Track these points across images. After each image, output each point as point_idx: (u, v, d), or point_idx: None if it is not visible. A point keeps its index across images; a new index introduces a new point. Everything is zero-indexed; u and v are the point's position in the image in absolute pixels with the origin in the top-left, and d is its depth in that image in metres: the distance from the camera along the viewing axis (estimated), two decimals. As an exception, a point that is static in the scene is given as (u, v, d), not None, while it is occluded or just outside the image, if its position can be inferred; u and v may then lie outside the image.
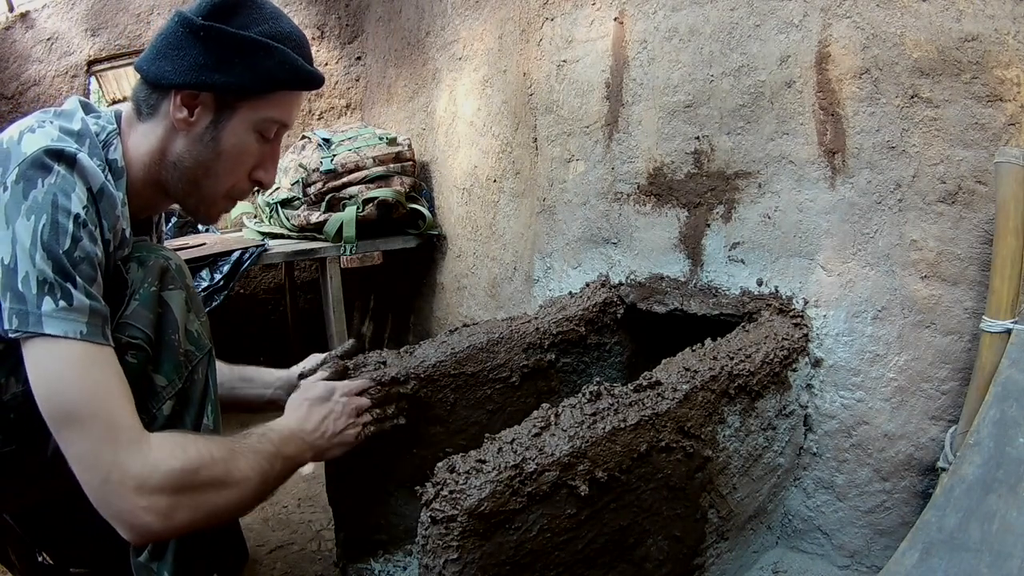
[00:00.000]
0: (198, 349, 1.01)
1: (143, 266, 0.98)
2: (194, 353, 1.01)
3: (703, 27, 1.32)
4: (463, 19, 2.09)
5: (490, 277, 2.06)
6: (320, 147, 2.24)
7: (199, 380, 1.01)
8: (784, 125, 1.22)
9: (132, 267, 0.97)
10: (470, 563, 0.74)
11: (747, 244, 1.31)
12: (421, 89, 2.44)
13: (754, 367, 1.07)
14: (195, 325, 1.02)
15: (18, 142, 0.84)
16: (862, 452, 1.16)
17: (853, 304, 1.16)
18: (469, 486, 0.75)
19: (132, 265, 0.97)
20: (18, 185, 0.81)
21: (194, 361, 1.01)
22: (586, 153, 1.62)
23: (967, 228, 1.04)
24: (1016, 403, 0.89)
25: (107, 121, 0.96)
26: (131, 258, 0.98)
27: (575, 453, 0.81)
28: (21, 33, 2.53)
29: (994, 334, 0.96)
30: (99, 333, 0.82)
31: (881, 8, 1.07)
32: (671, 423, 0.94)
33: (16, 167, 0.81)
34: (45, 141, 0.84)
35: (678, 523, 1.00)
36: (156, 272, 0.97)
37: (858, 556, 1.18)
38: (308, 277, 2.96)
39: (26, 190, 0.81)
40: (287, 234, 2.28)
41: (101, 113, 0.97)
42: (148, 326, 0.95)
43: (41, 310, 0.78)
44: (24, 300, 0.79)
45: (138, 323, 0.94)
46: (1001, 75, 0.98)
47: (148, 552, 0.98)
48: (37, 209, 0.80)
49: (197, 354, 1.01)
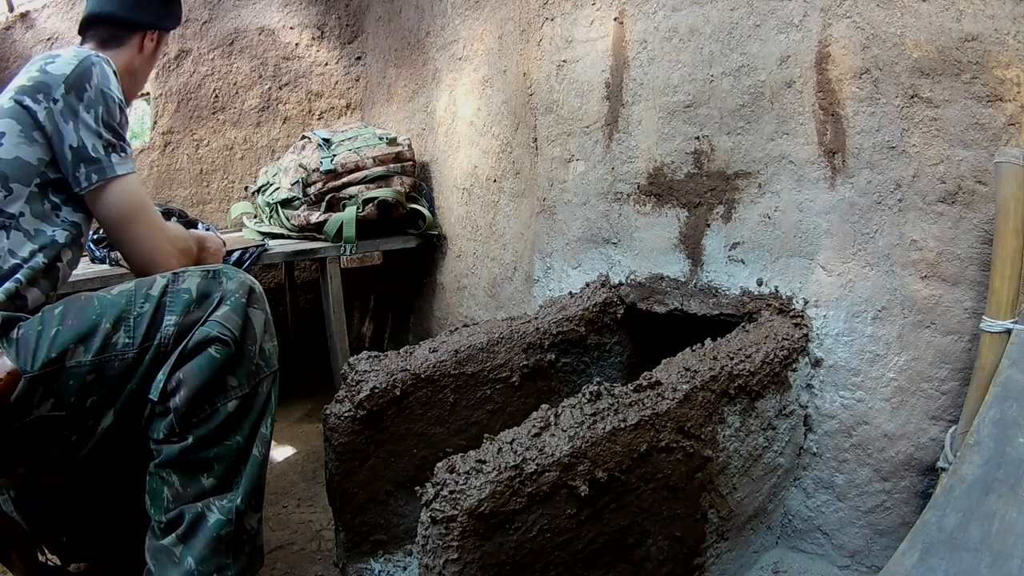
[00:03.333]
0: (267, 366, 1.14)
1: (233, 280, 1.13)
2: (263, 368, 1.13)
3: (703, 27, 1.32)
4: (463, 19, 2.09)
5: (490, 277, 2.06)
6: (320, 147, 2.24)
7: (263, 393, 1.13)
8: (784, 125, 1.22)
9: (225, 275, 1.14)
10: (470, 563, 0.74)
11: (747, 244, 1.31)
12: (421, 89, 2.44)
13: (754, 367, 1.07)
14: (269, 345, 1.15)
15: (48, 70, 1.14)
16: (862, 452, 1.16)
17: (853, 304, 1.16)
18: (469, 486, 0.75)
19: (225, 273, 1.15)
20: (69, 95, 1.12)
21: (262, 375, 1.12)
22: (586, 153, 1.62)
23: (967, 228, 1.04)
24: (1016, 403, 0.89)
25: None
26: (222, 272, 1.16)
27: (575, 453, 0.81)
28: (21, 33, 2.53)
29: (994, 334, 0.96)
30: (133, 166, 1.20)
31: (881, 8, 1.07)
32: (671, 423, 0.94)
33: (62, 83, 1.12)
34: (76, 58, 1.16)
35: (678, 523, 1.00)
36: (246, 289, 1.13)
37: (858, 556, 1.18)
38: (308, 277, 2.96)
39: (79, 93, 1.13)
40: (287, 234, 2.28)
41: None
42: (237, 328, 1.08)
43: (112, 162, 1.15)
44: (98, 161, 1.13)
45: (228, 324, 1.07)
46: (1001, 75, 0.98)
47: (177, 535, 1.02)
48: (94, 102, 1.14)
49: (266, 370, 1.13)
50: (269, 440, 1.14)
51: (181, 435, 1.03)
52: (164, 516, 1.03)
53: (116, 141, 1.16)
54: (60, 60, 1.16)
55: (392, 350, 1.26)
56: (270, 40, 2.83)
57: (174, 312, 1.07)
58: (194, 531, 1.02)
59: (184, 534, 1.02)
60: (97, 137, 1.13)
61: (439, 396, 1.23)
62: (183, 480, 1.04)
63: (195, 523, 1.03)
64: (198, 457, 1.04)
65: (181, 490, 1.03)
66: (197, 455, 1.04)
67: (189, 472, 1.04)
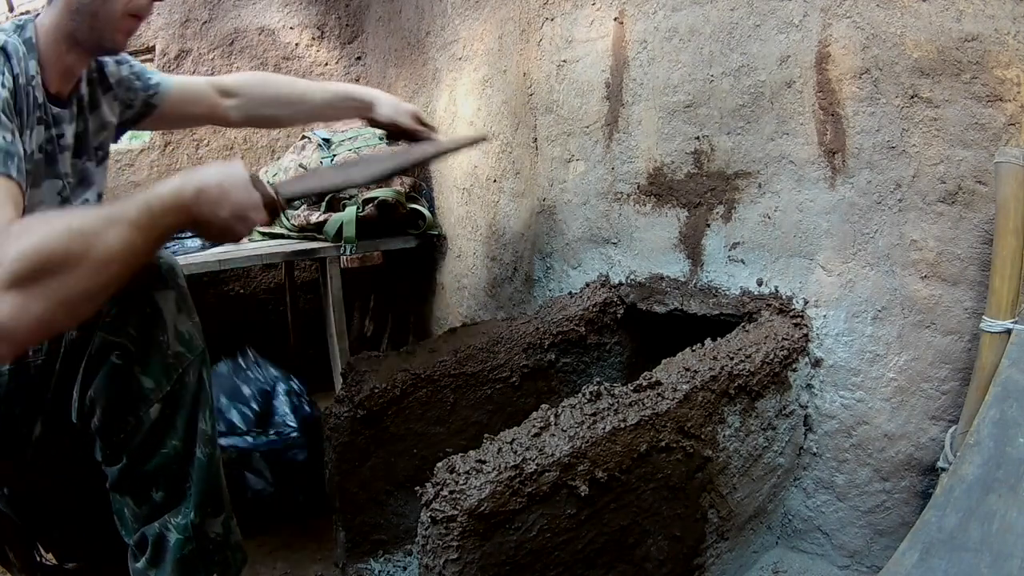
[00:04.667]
0: (190, 351, 0.99)
1: None
2: (185, 355, 0.99)
3: (703, 27, 1.32)
4: (463, 19, 2.09)
5: (490, 277, 2.06)
6: (320, 147, 2.24)
7: (191, 383, 0.99)
8: (784, 125, 1.22)
9: None
10: (470, 563, 0.74)
11: (747, 244, 1.31)
12: (421, 89, 2.44)
13: (754, 367, 1.07)
14: (186, 326, 1.00)
15: None
16: (862, 452, 1.16)
17: (853, 304, 1.16)
18: (469, 486, 0.75)
19: None
20: None
21: (185, 363, 0.99)
22: (586, 153, 1.62)
23: (967, 228, 1.04)
24: (1016, 403, 0.89)
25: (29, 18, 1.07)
26: None
27: (575, 453, 0.81)
28: (21, 33, 2.54)
29: (994, 334, 0.96)
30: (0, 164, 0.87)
31: (881, 8, 1.07)
32: (671, 423, 0.94)
33: None
34: None
35: (678, 523, 1.00)
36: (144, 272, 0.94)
37: (858, 556, 1.18)
38: (308, 277, 2.95)
39: None
40: (287, 234, 2.28)
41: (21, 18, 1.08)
42: (134, 325, 0.94)
43: None
44: None
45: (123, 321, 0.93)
46: (1001, 75, 0.98)
47: (147, 559, 0.98)
48: None
49: (188, 356, 0.99)
50: (212, 436, 1.02)
51: (115, 456, 0.96)
52: (131, 539, 0.99)
53: None
54: None
55: (392, 350, 1.26)
56: (270, 40, 2.83)
57: None
58: (159, 554, 0.98)
59: (152, 558, 0.98)
60: None
61: (439, 396, 1.24)
62: (135, 500, 0.98)
63: (158, 545, 0.98)
64: (139, 474, 0.96)
65: (137, 510, 0.98)
66: (137, 472, 0.96)
67: (136, 491, 0.97)
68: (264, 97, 1.46)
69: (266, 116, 1.50)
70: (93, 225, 0.79)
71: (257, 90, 1.45)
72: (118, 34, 1.08)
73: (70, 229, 0.77)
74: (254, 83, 1.47)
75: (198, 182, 0.89)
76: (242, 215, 0.92)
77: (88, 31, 1.05)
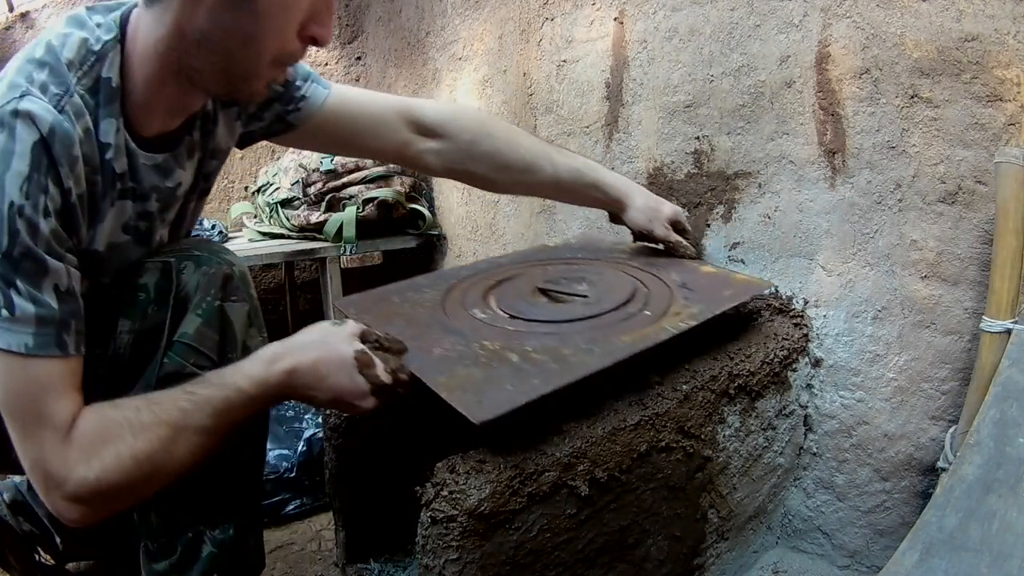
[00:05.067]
0: None
1: (199, 270, 0.86)
2: None
3: (703, 27, 1.32)
4: (463, 19, 2.09)
5: (490, 277, 2.06)
6: (320, 147, 2.24)
7: None
8: (784, 125, 1.22)
9: (187, 268, 0.86)
10: (470, 563, 0.74)
11: (747, 244, 1.31)
12: (421, 89, 2.43)
13: (754, 367, 1.07)
14: (255, 342, 0.91)
15: None
16: (862, 452, 1.16)
17: (853, 304, 1.16)
18: (469, 486, 0.75)
19: (188, 265, 0.86)
20: None
21: None
22: (586, 153, 1.62)
23: (967, 228, 1.04)
24: (1016, 403, 0.89)
25: (107, 28, 0.77)
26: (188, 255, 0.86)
27: (575, 453, 0.81)
28: (21, 33, 2.53)
29: (994, 334, 0.96)
30: (50, 342, 0.70)
31: (881, 8, 1.07)
32: (671, 423, 0.94)
33: None
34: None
35: (678, 523, 1.00)
36: (219, 281, 0.87)
37: (858, 556, 1.18)
38: (308, 277, 2.95)
39: None
40: (287, 234, 2.28)
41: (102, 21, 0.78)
42: (214, 349, 0.86)
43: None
44: None
45: (204, 347, 0.85)
46: (1001, 75, 0.98)
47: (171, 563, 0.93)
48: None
49: None
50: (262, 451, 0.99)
51: None
52: (154, 542, 0.92)
53: None
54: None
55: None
56: (270, 40, 2.82)
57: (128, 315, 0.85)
58: (188, 562, 0.92)
59: (178, 564, 0.92)
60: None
61: (439, 396, 1.23)
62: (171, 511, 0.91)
63: (189, 553, 0.92)
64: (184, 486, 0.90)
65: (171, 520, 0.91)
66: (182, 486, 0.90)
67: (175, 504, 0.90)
68: (480, 152, 1.13)
69: (477, 175, 1.17)
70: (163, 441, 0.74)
71: (471, 138, 1.13)
72: (258, 83, 0.80)
73: (135, 457, 0.72)
74: (468, 127, 1.13)
75: (290, 363, 0.80)
76: (343, 402, 0.83)
77: (215, 75, 0.78)
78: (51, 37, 0.75)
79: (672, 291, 1.07)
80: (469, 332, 0.92)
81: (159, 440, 0.74)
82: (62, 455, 0.71)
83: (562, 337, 0.90)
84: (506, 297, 1.06)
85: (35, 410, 0.70)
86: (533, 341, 0.89)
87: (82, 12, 0.78)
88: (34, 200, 0.68)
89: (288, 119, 1.02)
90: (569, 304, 1.04)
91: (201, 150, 0.93)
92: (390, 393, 0.84)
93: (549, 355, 0.84)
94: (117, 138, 0.78)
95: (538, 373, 0.80)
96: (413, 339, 0.89)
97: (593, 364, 0.82)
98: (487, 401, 0.74)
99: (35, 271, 0.69)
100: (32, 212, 0.68)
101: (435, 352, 0.86)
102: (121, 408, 0.75)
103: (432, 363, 0.84)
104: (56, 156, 0.69)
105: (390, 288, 1.11)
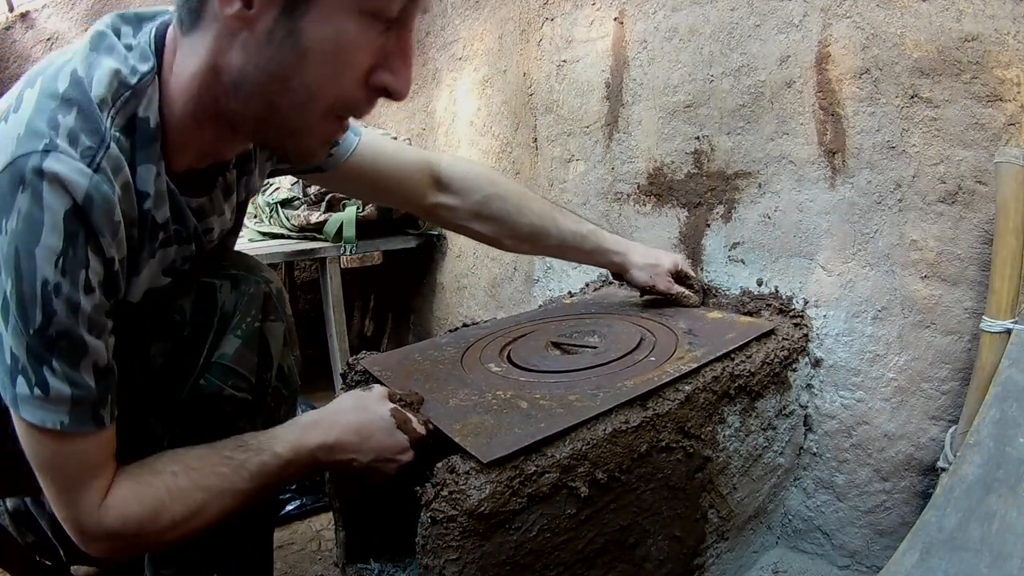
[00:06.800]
0: (286, 387, 0.92)
1: (239, 289, 0.84)
2: (282, 391, 0.92)
3: (703, 27, 1.32)
4: (463, 19, 2.09)
5: (490, 277, 2.06)
6: (320, 147, 2.24)
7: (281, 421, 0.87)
8: (784, 125, 1.22)
9: (224, 288, 0.83)
10: (470, 563, 0.74)
11: (747, 244, 1.31)
12: (421, 89, 2.43)
13: (754, 367, 1.07)
14: (289, 361, 0.91)
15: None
16: (862, 452, 1.16)
17: (853, 304, 1.16)
18: (469, 486, 0.75)
19: (225, 284, 0.83)
20: None
21: (279, 400, 0.91)
22: (586, 153, 1.62)
23: (967, 228, 1.04)
24: (1016, 403, 0.89)
25: (142, 56, 0.65)
26: (225, 274, 0.83)
27: (575, 455, 0.81)
28: (21, 33, 2.53)
29: (994, 334, 0.96)
30: (86, 419, 0.65)
31: (881, 8, 1.07)
32: (671, 423, 0.94)
33: None
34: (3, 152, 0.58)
35: (678, 523, 1.00)
36: (259, 301, 0.85)
37: (858, 556, 1.18)
38: (308, 277, 2.96)
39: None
40: (287, 234, 2.28)
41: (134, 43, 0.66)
42: (252, 371, 0.84)
43: (16, 391, 0.62)
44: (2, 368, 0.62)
45: (243, 368, 0.83)
46: (1001, 75, 0.98)
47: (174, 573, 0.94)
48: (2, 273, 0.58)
49: (284, 392, 0.92)
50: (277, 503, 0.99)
51: None
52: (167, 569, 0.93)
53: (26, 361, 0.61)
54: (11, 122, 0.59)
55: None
56: (270, 40, 2.82)
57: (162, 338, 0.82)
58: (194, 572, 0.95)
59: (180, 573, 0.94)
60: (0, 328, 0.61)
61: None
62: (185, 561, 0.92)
63: None
64: None
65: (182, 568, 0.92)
66: None
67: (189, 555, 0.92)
68: (488, 213, 1.12)
69: (483, 235, 1.15)
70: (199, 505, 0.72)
71: (481, 198, 1.11)
72: (309, 139, 0.68)
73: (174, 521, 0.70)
74: (481, 187, 1.12)
75: (336, 436, 0.79)
76: (386, 459, 0.83)
77: (257, 125, 0.66)
78: (76, 64, 0.62)
79: (678, 338, 1.11)
80: (484, 384, 0.96)
81: (196, 504, 0.72)
82: (97, 519, 0.68)
83: (570, 385, 0.95)
84: (520, 351, 1.11)
85: (71, 478, 0.67)
86: (543, 389, 0.93)
87: (107, 27, 0.66)
88: (72, 276, 0.59)
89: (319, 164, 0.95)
90: (579, 355, 1.09)
91: (240, 190, 0.85)
92: (424, 444, 0.87)
93: (556, 401, 0.89)
94: (158, 183, 0.68)
95: (545, 417, 0.84)
96: (431, 392, 0.94)
97: (597, 408, 0.87)
98: (495, 443, 0.78)
99: (73, 352, 0.62)
100: (71, 290, 0.59)
101: (451, 403, 0.91)
102: (159, 474, 0.72)
103: (448, 412, 0.88)
104: (96, 225, 0.60)
105: (412, 347, 1.19)
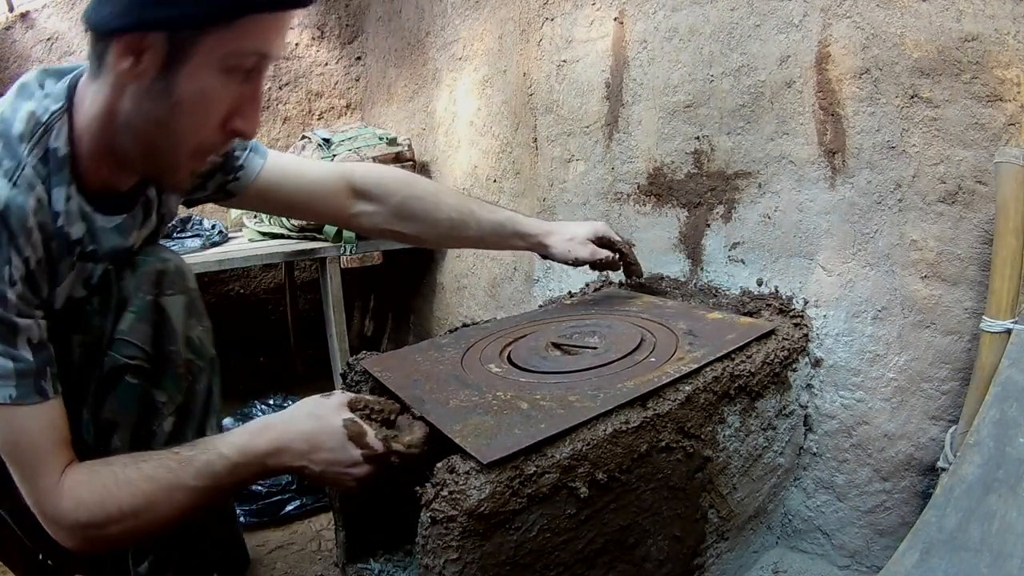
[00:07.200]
0: (200, 358, 0.97)
1: (136, 272, 0.91)
2: (196, 363, 0.96)
3: (703, 27, 1.32)
4: (463, 19, 2.09)
5: (490, 277, 2.06)
6: (320, 147, 2.24)
7: (200, 392, 0.97)
8: (784, 125, 1.22)
9: (126, 274, 0.91)
10: (470, 563, 0.74)
11: (747, 244, 1.31)
12: (421, 89, 2.44)
13: (754, 367, 1.07)
14: (196, 332, 0.96)
15: None
16: (862, 452, 1.16)
17: (853, 304, 1.16)
18: (469, 486, 0.75)
19: (125, 272, 0.91)
20: None
21: (196, 372, 0.96)
22: (586, 153, 1.62)
23: (967, 228, 1.04)
24: (1016, 403, 0.89)
25: (55, 98, 0.80)
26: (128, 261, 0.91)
27: (575, 456, 0.81)
28: (21, 33, 2.53)
29: (994, 334, 0.96)
30: (31, 391, 0.76)
31: (881, 8, 1.07)
32: (672, 424, 0.94)
33: None
34: None
35: (678, 523, 1.00)
36: (151, 278, 0.92)
37: (858, 556, 1.18)
38: (308, 277, 2.96)
39: None
40: (287, 234, 2.28)
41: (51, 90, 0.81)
42: (146, 341, 0.90)
43: None
44: None
45: (135, 339, 0.89)
46: (1001, 75, 0.98)
47: (148, 564, 0.97)
48: None
49: (199, 363, 0.97)
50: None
51: None
52: None
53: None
54: None
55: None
56: (270, 40, 2.82)
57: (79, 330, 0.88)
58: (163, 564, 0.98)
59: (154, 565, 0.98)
60: None
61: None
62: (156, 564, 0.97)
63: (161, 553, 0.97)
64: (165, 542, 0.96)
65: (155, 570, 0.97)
66: None
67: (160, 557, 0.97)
68: (407, 213, 1.19)
69: (407, 235, 1.23)
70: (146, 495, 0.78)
71: (399, 200, 1.18)
72: (180, 175, 0.83)
73: (120, 508, 0.77)
74: (397, 190, 1.19)
75: (286, 442, 0.83)
76: (338, 472, 0.85)
77: (141, 160, 0.81)
78: (3, 109, 0.78)
79: (678, 338, 1.10)
80: (484, 385, 0.96)
81: (142, 493, 0.78)
82: (55, 503, 0.77)
83: (570, 386, 0.94)
84: (521, 352, 1.10)
85: (30, 460, 0.77)
86: (543, 390, 0.93)
87: (33, 80, 0.81)
88: None
89: (228, 188, 1.07)
90: (579, 355, 1.08)
91: (158, 210, 0.99)
92: (382, 461, 0.85)
93: (557, 402, 0.88)
94: (69, 205, 0.82)
95: (545, 418, 0.84)
96: (431, 393, 0.95)
97: (597, 408, 0.86)
98: (495, 444, 0.78)
99: (8, 332, 0.75)
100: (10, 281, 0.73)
101: (451, 404, 0.91)
102: (109, 464, 0.80)
103: (448, 413, 0.88)
104: (13, 228, 0.74)
105: (412, 348, 1.19)
